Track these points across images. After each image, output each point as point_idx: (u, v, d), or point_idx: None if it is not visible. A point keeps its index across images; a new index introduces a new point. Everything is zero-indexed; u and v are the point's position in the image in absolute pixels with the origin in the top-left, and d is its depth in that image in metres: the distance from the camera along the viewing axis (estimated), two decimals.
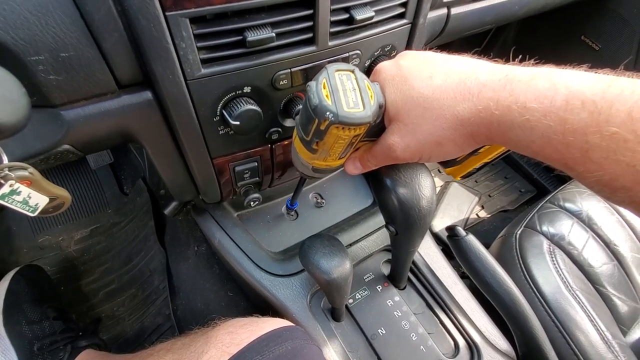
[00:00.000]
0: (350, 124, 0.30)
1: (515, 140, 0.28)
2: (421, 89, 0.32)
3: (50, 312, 0.72)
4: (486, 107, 0.29)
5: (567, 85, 0.25)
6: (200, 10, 0.33)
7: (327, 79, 0.31)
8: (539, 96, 0.26)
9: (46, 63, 0.31)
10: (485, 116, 0.29)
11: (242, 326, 0.47)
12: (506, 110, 0.27)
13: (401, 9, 0.47)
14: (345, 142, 0.33)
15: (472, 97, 0.30)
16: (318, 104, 0.30)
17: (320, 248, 0.47)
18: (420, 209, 0.42)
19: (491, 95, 0.28)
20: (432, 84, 0.32)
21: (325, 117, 0.30)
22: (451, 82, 0.31)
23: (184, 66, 0.36)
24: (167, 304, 0.89)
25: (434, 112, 0.31)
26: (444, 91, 0.31)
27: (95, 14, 0.31)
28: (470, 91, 0.30)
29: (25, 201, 0.34)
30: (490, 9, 0.65)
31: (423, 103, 0.32)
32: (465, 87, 0.30)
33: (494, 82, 0.29)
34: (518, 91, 0.27)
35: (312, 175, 0.42)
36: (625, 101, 0.23)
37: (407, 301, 0.60)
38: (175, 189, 0.56)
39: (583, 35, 1.08)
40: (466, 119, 0.30)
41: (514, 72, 0.29)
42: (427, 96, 0.32)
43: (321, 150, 0.34)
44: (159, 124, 0.41)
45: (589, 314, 0.62)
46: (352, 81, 0.32)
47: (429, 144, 0.33)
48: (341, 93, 0.31)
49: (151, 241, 0.97)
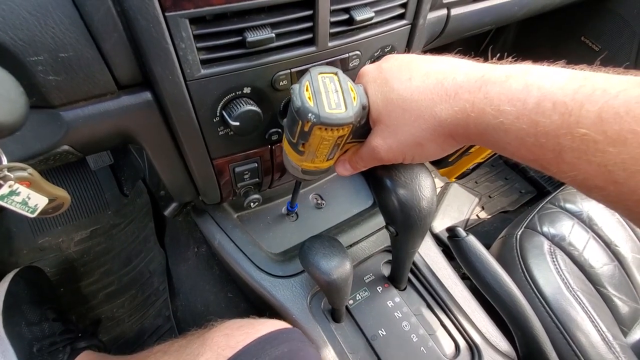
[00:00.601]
0: (331, 124, 0.30)
1: (492, 142, 0.29)
2: (400, 91, 0.32)
3: (49, 313, 0.72)
4: (462, 108, 0.29)
5: (540, 86, 0.25)
6: (199, 11, 0.33)
7: (309, 82, 0.32)
8: (512, 98, 0.26)
9: (45, 63, 0.31)
10: (462, 117, 0.29)
11: (238, 328, 0.47)
12: (481, 112, 0.28)
13: (401, 10, 0.46)
14: (330, 143, 0.34)
15: (449, 99, 0.30)
16: (300, 106, 0.31)
17: (320, 249, 0.47)
18: (420, 209, 0.42)
19: (467, 97, 0.29)
20: (411, 85, 0.32)
21: (307, 119, 0.30)
22: (429, 83, 0.31)
23: (184, 67, 0.36)
24: (167, 305, 0.88)
25: (413, 113, 0.32)
26: (422, 92, 0.31)
27: (95, 15, 0.31)
28: (447, 92, 0.30)
29: (25, 202, 0.33)
30: (489, 10, 0.65)
31: (402, 104, 0.32)
32: (443, 88, 0.30)
33: (469, 84, 0.29)
34: (492, 93, 0.27)
35: (302, 177, 0.43)
36: (595, 102, 0.23)
37: (407, 302, 0.60)
38: (175, 190, 0.55)
39: (583, 36, 1.09)
40: (444, 120, 0.30)
41: (490, 73, 0.29)
42: (406, 97, 0.32)
43: (308, 151, 0.35)
44: (159, 124, 0.41)
45: (589, 315, 0.62)
46: (335, 83, 0.32)
47: (410, 145, 0.33)
48: (323, 95, 0.31)
49: (151, 242, 0.97)
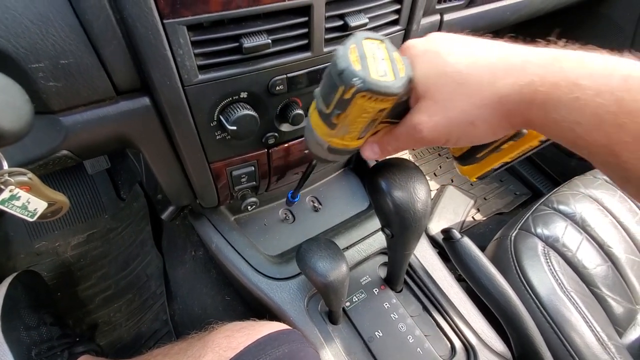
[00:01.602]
0: (378, 92, 0.27)
1: (557, 121, 0.25)
2: (456, 64, 0.29)
3: (47, 317, 0.72)
4: (530, 83, 0.26)
5: (625, 65, 0.24)
6: (197, 18, 0.34)
7: (355, 45, 0.28)
8: (592, 73, 0.24)
9: (46, 70, 0.31)
10: (527, 93, 0.26)
11: (239, 330, 0.48)
12: (553, 87, 0.25)
13: (394, 16, 0.47)
14: (369, 117, 0.30)
15: (515, 72, 0.27)
16: (345, 69, 0.27)
17: (317, 251, 0.47)
18: (415, 211, 0.43)
19: (537, 70, 0.26)
20: (469, 58, 0.29)
21: (352, 84, 0.27)
22: (491, 56, 0.28)
23: (182, 72, 0.36)
24: (165, 309, 0.88)
25: (470, 88, 0.28)
26: (483, 66, 0.28)
27: (95, 22, 0.32)
28: (514, 66, 0.27)
29: (25, 206, 0.34)
30: (482, 16, 0.67)
31: (458, 78, 0.29)
32: (508, 62, 0.28)
33: (540, 58, 0.26)
34: (568, 68, 0.25)
35: (325, 157, 0.38)
36: None
37: (403, 304, 0.61)
38: (172, 194, 0.56)
39: (575, 40, 1.10)
40: (506, 96, 0.27)
41: (561, 51, 0.26)
42: (463, 71, 0.29)
43: (341, 125, 0.32)
44: (157, 129, 0.42)
45: (584, 315, 0.63)
46: (382, 51, 0.29)
47: (461, 124, 0.30)
48: (371, 60, 0.28)
49: (148, 246, 0.97)
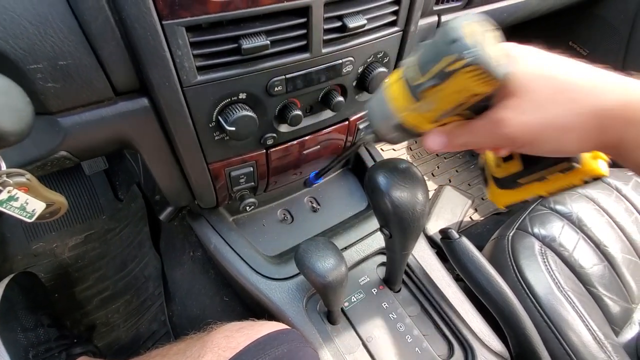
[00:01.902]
0: (488, 70, 0.26)
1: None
2: (559, 68, 0.29)
3: (44, 319, 0.72)
4: (631, 102, 0.26)
5: None
6: (196, 19, 0.34)
7: (467, 22, 0.27)
8: None
9: (44, 71, 0.31)
10: (631, 108, 0.26)
11: (238, 330, 0.48)
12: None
13: (392, 17, 0.48)
14: (460, 98, 0.30)
15: (617, 90, 0.27)
16: (459, 39, 0.26)
17: (315, 252, 0.47)
18: (413, 211, 0.43)
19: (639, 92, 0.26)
20: (572, 65, 0.29)
21: (462, 56, 0.26)
22: (589, 71, 0.29)
23: (180, 73, 0.36)
24: (163, 310, 0.88)
25: (571, 94, 0.28)
26: (587, 74, 0.28)
27: (93, 24, 0.32)
28: (614, 84, 0.28)
29: (23, 207, 0.34)
30: (478, 17, 0.67)
31: (557, 83, 0.29)
32: (608, 79, 0.28)
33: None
34: None
35: (385, 134, 0.36)
36: None
37: (402, 304, 0.61)
38: (171, 195, 0.56)
39: (571, 41, 1.11)
40: (606, 110, 0.27)
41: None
42: (564, 76, 0.29)
43: (429, 99, 0.30)
44: (155, 130, 0.42)
45: (580, 314, 0.63)
46: (490, 38, 0.28)
47: (553, 128, 0.29)
48: (483, 38, 0.27)
49: (146, 247, 0.97)
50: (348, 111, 0.55)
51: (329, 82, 0.47)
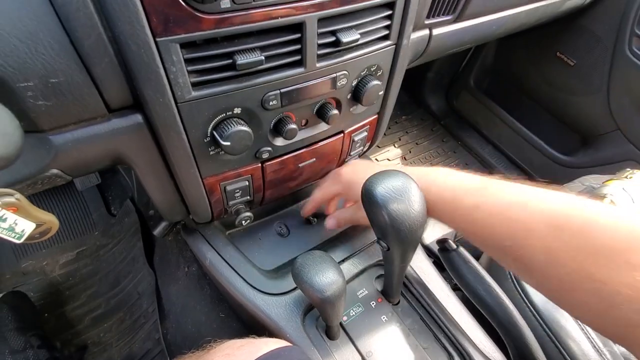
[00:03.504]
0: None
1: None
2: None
3: (34, 340, 0.70)
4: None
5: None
6: (190, 36, 0.34)
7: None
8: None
9: (35, 89, 0.31)
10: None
11: (238, 348, 0.46)
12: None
13: (385, 32, 0.48)
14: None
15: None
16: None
17: (312, 265, 0.47)
18: (410, 223, 0.43)
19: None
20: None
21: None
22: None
23: (175, 89, 0.36)
24: (157, 327, 0.86)
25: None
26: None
27: (86, 41, 0.31)
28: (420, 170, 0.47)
29: (12, 228, 0.33)
30: (469, 30, 0.68)
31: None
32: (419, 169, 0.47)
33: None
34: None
35: None
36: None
37: (401, 316, 0.60)
38: (165, 210, 0.55)
39: (558, 52, 1.14)
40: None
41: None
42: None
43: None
44: (150, 146, 0.42)
45: (579, 323, 0.63)
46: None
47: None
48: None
49: (140, 263, 0.95)
50: (343, 124, 0.55)
51: (324, 96, 0.48)
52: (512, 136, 1.38)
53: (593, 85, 1.10)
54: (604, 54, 1.04)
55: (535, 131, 1.33)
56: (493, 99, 1.40)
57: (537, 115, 1.31)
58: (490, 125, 1.45)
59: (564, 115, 1.26)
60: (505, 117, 1.37)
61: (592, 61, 1.08)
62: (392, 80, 0.56)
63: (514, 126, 1.36)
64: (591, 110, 1.15)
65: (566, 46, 1.12)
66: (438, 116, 1.55)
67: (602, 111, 1.11)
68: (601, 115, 1.12)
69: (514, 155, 1.41)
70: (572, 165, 1.25)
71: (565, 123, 1.27)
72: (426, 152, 1.45)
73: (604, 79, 1.07)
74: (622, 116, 1.09)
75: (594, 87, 1.10)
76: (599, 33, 1.04)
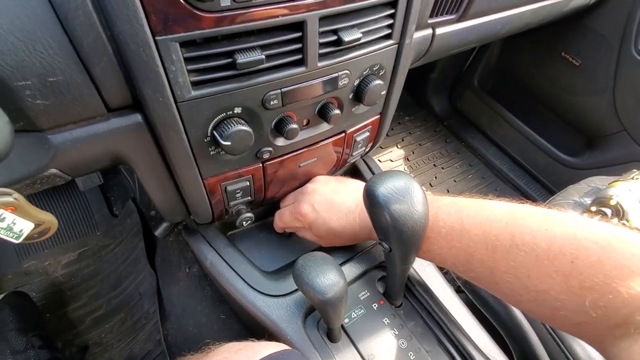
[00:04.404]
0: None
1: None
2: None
3: (35, 340, 0.70)
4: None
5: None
6: (190, 35, 0.34)
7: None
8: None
9: (33, 88, 0.31)
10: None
11: (236, 351, 0.46)
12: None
13: (388, 30, 0.48)
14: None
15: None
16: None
17: (314, 267, 0.46)
18: (413, 224, 0.42)
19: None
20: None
21: None
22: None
23: (174, 89, 0.36)
24: (158, 328, 0.86)
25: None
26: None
27: (84, 40, 0.31)
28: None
29: (10, 228, 0.33)
30: (473, 29, 0.68)
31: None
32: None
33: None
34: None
35: None
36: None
37: (403, 319, 0.59)
38: (165, 210, 0.55)
39: (563, 52, 1.12)
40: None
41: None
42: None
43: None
44: (149, 146, 0.41)
45: None
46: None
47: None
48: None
49: (141, 263, 0.95)
50: (345, 124, 0.55)
51: (325, 95, 0.47)
52: (517, 137, 1.36)
53: (598, 86, 1.09)
54: (610, 54, 1.03)
55: (540, 132, 1.31)
56: (497, 100, 1.39)
57: (541, 116, 1.30)
58: (495, 126, 1.43)
59: (569, 115, 1.25)
60: (510, 118, 1.36)
61: (597, 61, 1.07)
62: (395, 80, 0.55)
63: (519, 127, 1.35)
64: (597, 111, 1.14)
65: (571, 46, 1.11)
66: (441, 117, 1.55)
67: (608, 112, 1.10)
68: (607, 116, 1.11)
69: (518, 157, 1.40)
70: (577, 166, 1.24)
71: (570, 124, 1.25)
72: (429, 153, 1.44)
73: (610, 79, 1.05)
74: (628, 117, 1.07)
75: (600, 87, 1.09)
76: (605, 33, 1.03)
